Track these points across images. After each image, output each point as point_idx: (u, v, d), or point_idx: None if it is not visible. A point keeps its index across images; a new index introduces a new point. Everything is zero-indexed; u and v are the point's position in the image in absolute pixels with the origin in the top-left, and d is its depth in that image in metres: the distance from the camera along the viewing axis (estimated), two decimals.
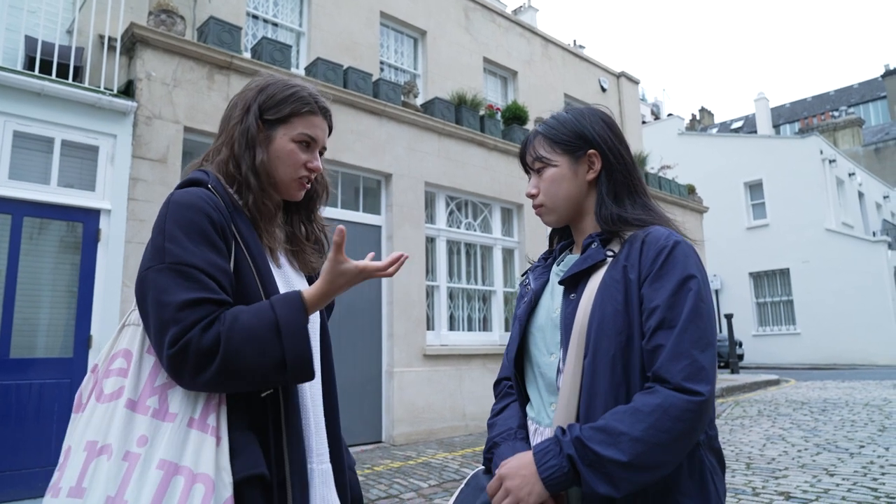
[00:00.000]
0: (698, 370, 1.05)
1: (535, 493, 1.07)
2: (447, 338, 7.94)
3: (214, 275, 1.09)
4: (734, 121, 39.05)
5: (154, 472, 1.00)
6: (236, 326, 1.05)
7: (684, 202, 12.68)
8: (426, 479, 5.08)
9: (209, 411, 1.07)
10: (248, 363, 1.04)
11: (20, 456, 4.57)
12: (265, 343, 1.05)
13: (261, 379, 1.07)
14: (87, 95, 5.12)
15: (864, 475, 4.78)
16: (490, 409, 1.41)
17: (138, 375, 1.09)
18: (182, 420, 1.05)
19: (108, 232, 5.16)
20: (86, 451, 1.03)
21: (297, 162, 1.27)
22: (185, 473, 1.01)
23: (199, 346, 1.02)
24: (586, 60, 12.75)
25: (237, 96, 1.33)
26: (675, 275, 1.12)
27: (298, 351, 1.07)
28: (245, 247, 1.18)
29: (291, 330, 1.07)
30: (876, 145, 29.03)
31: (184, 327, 1.03)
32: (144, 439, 1.03)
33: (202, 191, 1.18)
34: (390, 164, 7.45)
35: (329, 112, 1.35)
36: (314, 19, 8.04)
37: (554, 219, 1.34)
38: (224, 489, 1.02)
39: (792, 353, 19.56)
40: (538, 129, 1.35)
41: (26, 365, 4.73)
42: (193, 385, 1.05)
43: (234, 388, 1.09)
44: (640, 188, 1.30)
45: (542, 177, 1.32)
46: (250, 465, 1.07)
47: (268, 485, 1.10)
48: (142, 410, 1.05)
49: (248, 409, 1.12)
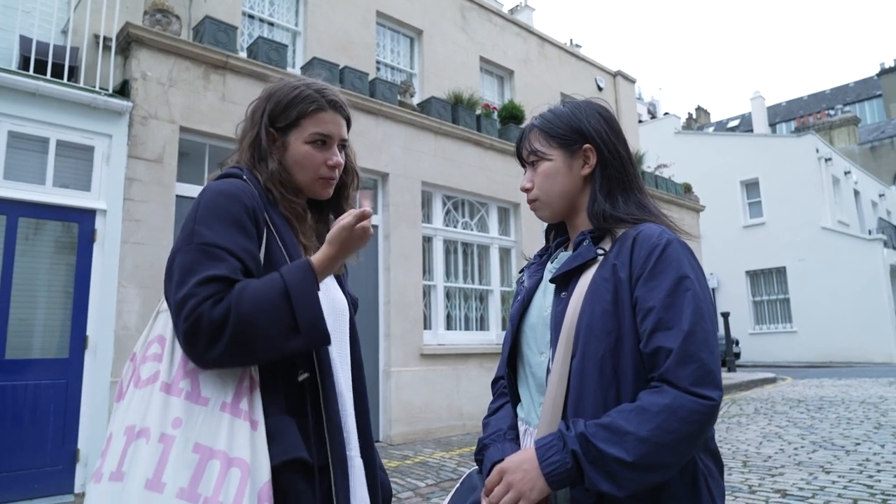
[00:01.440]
0: (707, 373, 1.03)
1: (536, 488, 1.04)
2: (444, 337, 7.94)
3: (241, 256, 1.10)
4: (730, 119, 39.13)
5: (190, 455, 1.01)
6: (245, 295, 1.05)
7: (681, 201, 12.71)
8: (423, 479, 5.08)
9: (241, 395, 1.07)
10: (260, 330, 1.04)
11: (16, 457, 4.55)
12: (275, 308, 1.05)
13: (276, 346, 1.06)
14: (83, 95, 5.10)
15: (859, 472, 4.80)
16: (487, 408, 1.40)
17: (171, 359, 1.10)
18: (215, 404, 1.06)
19: (104, 232, 5.15)
20: (125, 435, 1.05)
21: (316, 163, 1.27)
22: (220, 458, 1.02)
23: (210, 317, 1.02)
24: (583, 59, 12.76)
25: (251, 105, 1.33)
26: (669, 274, 1.09)
27: (310, 313, 1.07)
28: (279, 238, 1.20)
29: (301, 292, 1.07)
30: (872, 144, 29.12)
31: (197, 301, 1.03)
32: (179, 421, 1.04)
33: (237, 181, 1.20)
34: (387, 163, 7.45)
35: (339, 104, 1.32)
36: (310, 19, 8.03)
37: (548, 214, 1.32)
38: (261, 474, 1.03)
39: (788, 351, 19.61)
40: (534, 123, 1.33)
41: (22, 366, 4.71)
42: (209, 360, 1.04)
43: (252, 359, 1.08)
44: (635, 185, 1.27)
45: (537, 171, 1.29)
46: (289, 450, 1.08)
47: (309, 469, 1.10)
48: (175, 392, 1.07)
49: (286, 394, 1.13)
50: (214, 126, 5.91)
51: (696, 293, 1.09)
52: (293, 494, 1.08)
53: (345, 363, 1.29)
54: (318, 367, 1.16)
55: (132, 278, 5.18)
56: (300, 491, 1.09)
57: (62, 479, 4.73)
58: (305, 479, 1.10)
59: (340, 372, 1.24)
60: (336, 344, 1.27)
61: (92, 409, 4.89)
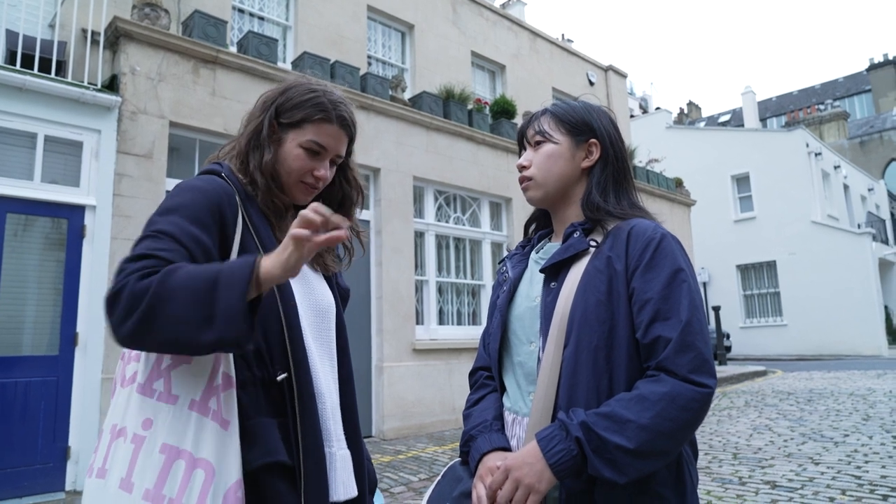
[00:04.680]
0: (703, 362, 1.08)
1: (545, 479, 1.06)
2: (436, 332, 7.94)
3: (186, 243, 1.07)
4: (721, 114, 39.27)
5: (157, 455, 1.01)
6: (174, 274, 0.98)
7: (672, 195, 12.75)
8: (416, 473, 5.09)
9: (210, 394, 1.06)
10: (173, 310, 0.95)
11: (6, 455, 4.52)
12: (197, 291, 0.96)
13: (187, 333, 0.96)
14: (71, 90, 5.06)
15: (848, 463, 4.85)
16: (466, 400, 1.40)
17: (147, 359, 1.11)
18: (183, 403, 1.05)
19: (94, 228, 5.11)
20: (110, 433, 1.08)
21: (302, 168, 1.26)
22: (185, 458, 1.02)
23: (132, 289, 0.97)
24: (574, 54, 12.76)
25: (265, 93, 1.33)
26: (665, 267, 1.13)
27: (230, 304, 0.95)
28: (255, 234, 1.19)
29: (230, 282, 0.97)
30: (861, 138, 29.34)
31: (125, 274, 1.00)
32: (149, 422, 1.04)
33: (212, 178, 1.20)
34: (378, 158, 7.43)
35: (348, 121, 1.31)
36: (301, 13, 7.98)
37: (540, 195, 1.32)
38: (228, 475, 1.02)
39: (779, 344, 19.76)
40: (547, 108, 1.36)
41: (12, 363, 4.68)
42: (121, 334, 0.98)
43: (160, 342, 0.99)
44: (630, 186, 1.32)
45: (539, 151, 1.32)
46: (269, 453, 1.08)
47: (289, 471, 1.10)
48: (149, 393, 1.07)
49: (266, 395, 1.12)
50: (204, 121, 5.87)
51: (691, 286, 1.13)
52: (273, 497, 1.08)
53: (327, 360, 1.29)
54: (293, 369, 1.14)
55: None
56: (281, 492, 1.08)
57: (53, 477, 4.70)
58: (286, 480, 1.10)
59: (320, 370, 1.24)
60: (320, 342, 1.27)
61: (82, 407, 4.87)
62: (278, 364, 1.14)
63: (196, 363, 1.08)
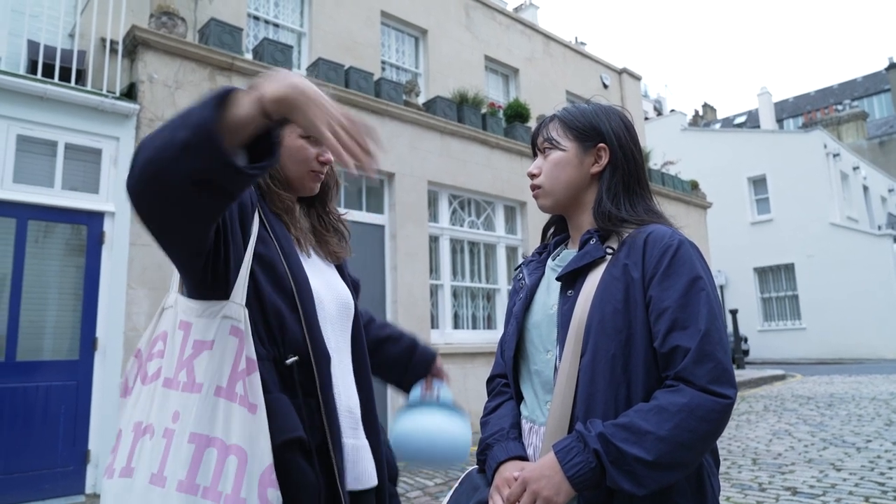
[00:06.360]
0: (723, 372, 1.05)
1: (563, 492, 1.04)
2: (451, 336, 7.94)
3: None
4: (737, 116, 38.91)
5: (186, 446, 1.01)
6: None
7: (688, 198, 12.65)
8: (432, 478, 5.09)
9: (237, 379, 1.06)
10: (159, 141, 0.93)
11: (27, 458, 4.59)
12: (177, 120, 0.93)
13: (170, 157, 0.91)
14: (90, 98, 5.13)
15: (871, 469, 4.77)
16: (483, 407, 1.39)
17: (171, 353, 1.11)
18: (209, 390, 1.05)
19: (112, 234, 5.18)
20: (133, 431, 1.08)
21: (308, 157, 1.30)
22: (217, 445, 1.02)
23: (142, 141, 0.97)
24: (588, 57, 12.72)
25: None
26: (683, 275, 1.11)
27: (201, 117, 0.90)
28: (272, 231, 1.21)
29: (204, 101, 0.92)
30: (880, 139, 28.89)
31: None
32: (177, 414, 1.04)
33: None
34: (393, 163, 7.45)
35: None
36: (315, 20, 8.04)
37: (549, 203, 1.32)
38: (261, 460, 1.02)
39: (797, 347, 19.50)
40: (556, 113, 1.35)
41: (33, 367, 4.75)
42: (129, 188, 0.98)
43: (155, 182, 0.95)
44: (644, 190, 1.29)
45: (547, 158, 1.31)
46: (290, 429, 1.08)
47: (307, 450, 1.10)
48: (174, 386, 1.07)
49: (280, 378, 1.13)
50: None
51: (709, 294, 1.11)
52: (296, 470, 1.08)
53: (345, 352, 1.31)
54: (311, 351, 1.15)
55: (141, 280, 5.20)
56: (303, 469, 1.09)
57: (73, 480, 4.76)
58: (305, 457, 1.10)
59: (337, 360, 1.26)
60: (339, 335, 1.30)
61: (102, 411, 4.92)
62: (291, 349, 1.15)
63: (217, 348, 1.08)
